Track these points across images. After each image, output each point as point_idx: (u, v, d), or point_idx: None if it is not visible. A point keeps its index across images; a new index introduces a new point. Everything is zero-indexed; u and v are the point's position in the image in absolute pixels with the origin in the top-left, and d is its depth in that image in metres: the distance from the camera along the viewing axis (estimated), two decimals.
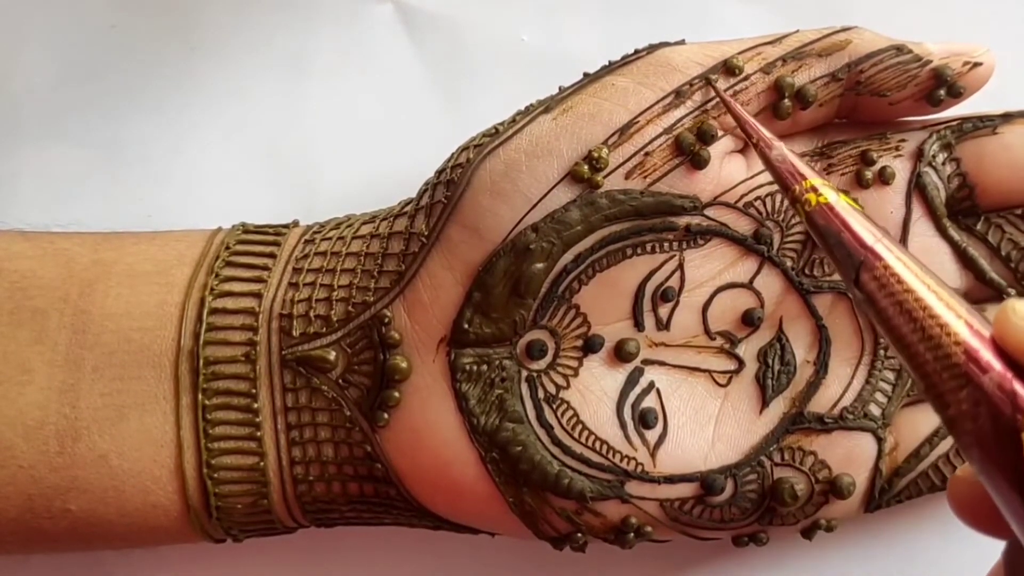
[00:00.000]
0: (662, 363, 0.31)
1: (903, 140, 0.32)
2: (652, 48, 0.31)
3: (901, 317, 0.22)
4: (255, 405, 0.30)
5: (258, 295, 0.31)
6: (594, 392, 0.30)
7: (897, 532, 0.35)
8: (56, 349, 0.30)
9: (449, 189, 0.30)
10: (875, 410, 0.31)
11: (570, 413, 0.30)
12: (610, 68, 0.31)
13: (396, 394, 0.30)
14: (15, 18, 0.40)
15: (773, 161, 0.26)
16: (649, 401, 0.31)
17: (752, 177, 0.31)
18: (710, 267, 0.31)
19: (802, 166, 0.26)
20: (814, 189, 0.25)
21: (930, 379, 0.22)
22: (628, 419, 0.30)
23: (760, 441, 0.31)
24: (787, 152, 0.26)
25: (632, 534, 0.30)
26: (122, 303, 0.30)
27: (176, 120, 0.40)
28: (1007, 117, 0.32)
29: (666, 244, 0.30)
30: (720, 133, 0.30)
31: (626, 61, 0.31)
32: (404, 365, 0.30)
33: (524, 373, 0.30)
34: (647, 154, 0.30)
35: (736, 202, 0.31)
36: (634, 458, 0.30)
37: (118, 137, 0.39)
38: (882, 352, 0.31)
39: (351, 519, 0.32)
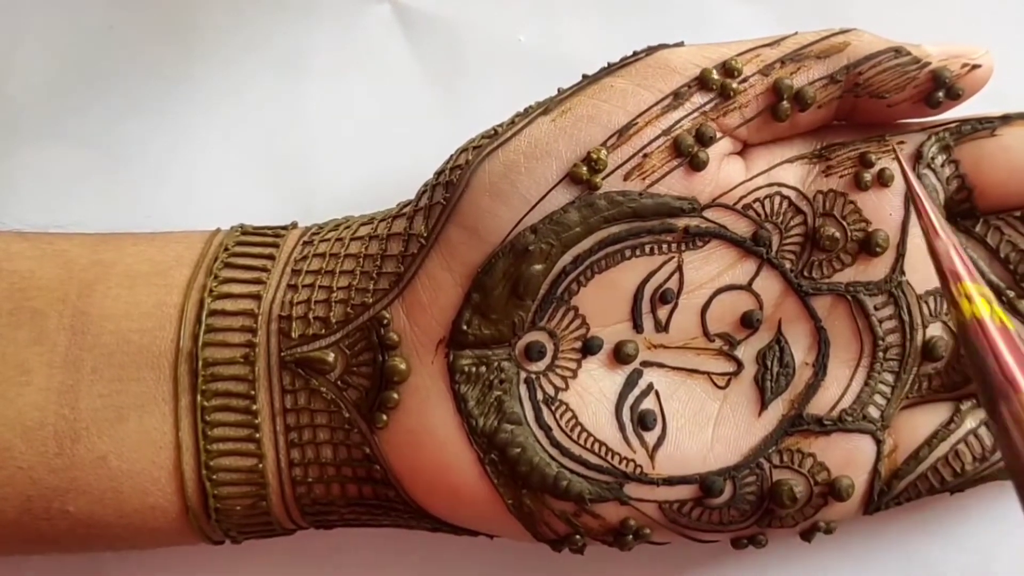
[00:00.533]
0: (661, 365, 0.31)
1: (902, 142, 0.31)
2: (651, 50, 0.31)
3: None
4: (254, 407, 0.30)
5: (257, 296, 0.31)
6: (593, 394, 0.30)
7: (896, 534, 0.35)
8: (55, 350, 0.30)
9: (448, 190, 0.30)
10: (874, 412, 0.31)
11: (569, 415, 0.30)
12: (609, 70, 0.31)
13: (395, 395, 0.30)
14: (13, 18, 0.40)
15: (939, 253, 0.26)
16: (648, 403, 0.31)
17: (751, 179, 0.31)
18: (709, 269, 0.31)
19: (961, 267, 0.25)
20: (968, 297, 0.24)
21: None
22: (627, 421, 0.30)
23: (759, 443, 0.31)
24: (952, 247, 0.26)
25: (631, 536, 0.30)
26: (121, 304, 0.30)
27: (174, 121, 0.40)
28: (1006, 119, 0.32)
29: (665, 246, 0.30)
30: (718, 135, 0.30)
31: (625, 63, 0.31)
32: (403, 366, 0.30)
33: (523, 374, 0.30)
34: (645, 156, 0.30)
35: (735, 204, 0.31)
36: (633, 460, 0.30)
37: (116, 137, 0.39)
38: (881, 354, 0.31)
39: (350, 521, 0.32)
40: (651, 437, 0.30)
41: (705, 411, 0.31)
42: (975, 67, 0.31)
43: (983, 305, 0.24)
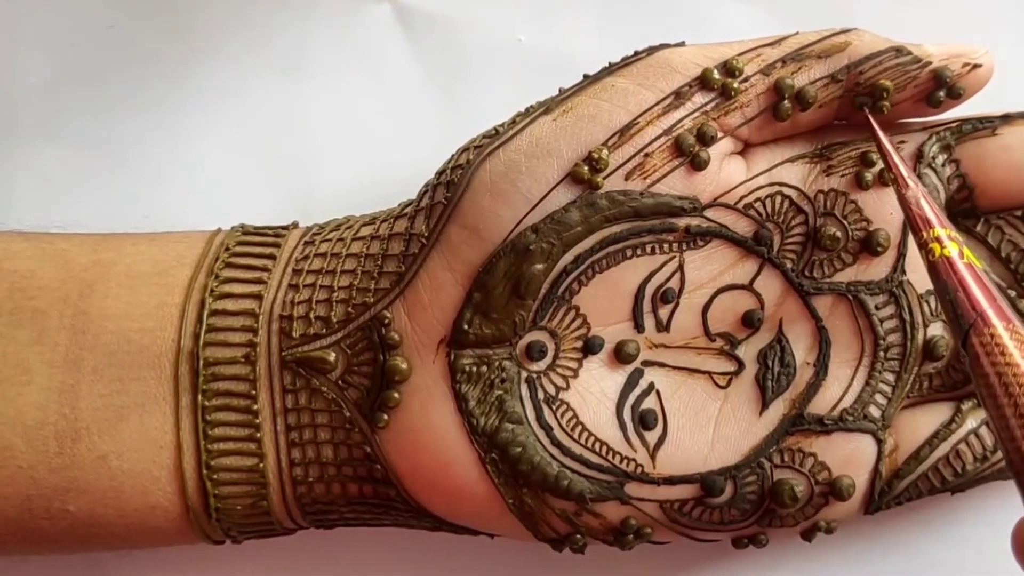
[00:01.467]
0: (662, 364, 0.31)
1: (902, 141, 0.31)
2: (652, 50, 0.31)
3: (1000, 388, 0.23)
4: (255, 406, 0.30)
5: (258, 296, 0.31)
6: (594, 393, 0.30)
7: (897, 534, 0.35)
8: (56, 350, 0.30)
9: (449, 190, 0.30)
10: (875, 411, 0.31)
11: (570, 414, 0.30)
12: (610, 70, 0.31)
13: (396, 395, 0.30)
14: (12, 18, 0.40)
15: (908, 201, 0.27)
16: (649, 402, 0.31)
17: (752, 179, 0.31)
18: (710, 268, 0.31)
19: (931, 213, 0.26)
20: (939, 240, 0.25)
21: (1021, 453, 0.22)
22: (628, 420, 0.30)
23: (760, 443, 0.31)
24: (920, 196, 0.27)
25: (631, 535, 0.30)
26: (121, 304, 0.30)
27: (174, 120, 0.40)
28: (1006, 118, 0.32)
29: (666, 245, 0.30)
30: (720, 134, 0.30)
31: (626, 63, 0.31)
32: (404, 366, 0.30)
33: (524, 374, 0.30)
34: (647, 155, 0.30)
35: (736, 203, 0.31)
36: (634, 459, 0.30)
37: (116, 137, 0.39)
38: (882, 354, 0.31)
39: (350, 520, 0.32)
40: (652, 436, 0.30)
41: (706, 411, 0.31)
42: (976, 67, 0.31)
43: (953, 246, 0.25)
